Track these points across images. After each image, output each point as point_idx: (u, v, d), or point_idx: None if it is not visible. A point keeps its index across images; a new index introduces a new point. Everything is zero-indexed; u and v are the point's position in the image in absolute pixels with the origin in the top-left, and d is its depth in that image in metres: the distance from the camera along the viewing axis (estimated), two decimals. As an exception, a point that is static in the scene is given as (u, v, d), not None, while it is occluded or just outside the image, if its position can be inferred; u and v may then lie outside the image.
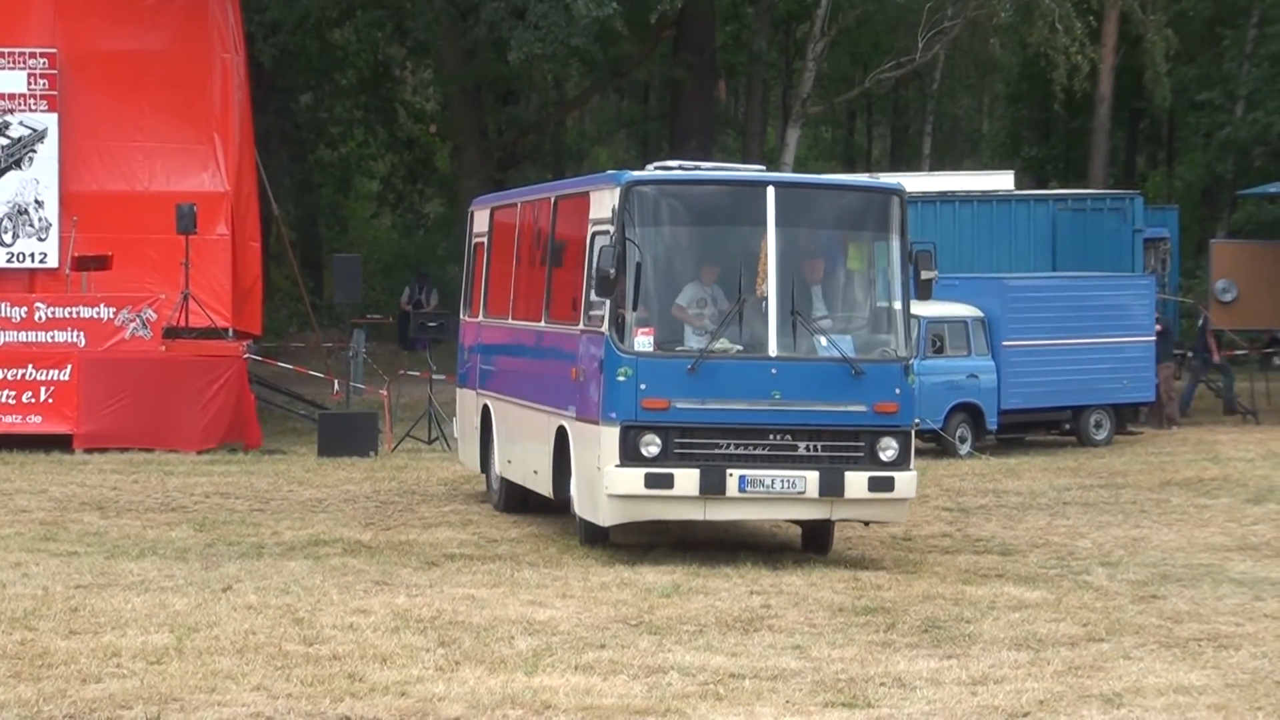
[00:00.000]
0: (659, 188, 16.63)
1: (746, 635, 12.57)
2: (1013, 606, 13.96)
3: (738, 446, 15.98)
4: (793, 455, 16.01)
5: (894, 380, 16.28)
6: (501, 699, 10.05)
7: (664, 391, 15.98)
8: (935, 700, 10.32)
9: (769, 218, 16.18)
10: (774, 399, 16.02)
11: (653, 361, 16.07)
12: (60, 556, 15.83)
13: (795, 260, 16.45)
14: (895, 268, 16.57)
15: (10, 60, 29.19)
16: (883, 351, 16.49)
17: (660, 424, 15.97)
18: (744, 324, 16.23)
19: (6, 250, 29.04)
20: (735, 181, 17.17)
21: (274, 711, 9.64)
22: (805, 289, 16.46)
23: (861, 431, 16.12)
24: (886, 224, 16.77)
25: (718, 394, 16.03)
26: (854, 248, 17.11)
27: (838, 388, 16.11)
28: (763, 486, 15.88)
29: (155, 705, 9.67)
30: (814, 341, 16.27)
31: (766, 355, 16.08)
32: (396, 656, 11.32)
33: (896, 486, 16.11)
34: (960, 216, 33.31)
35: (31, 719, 9.31)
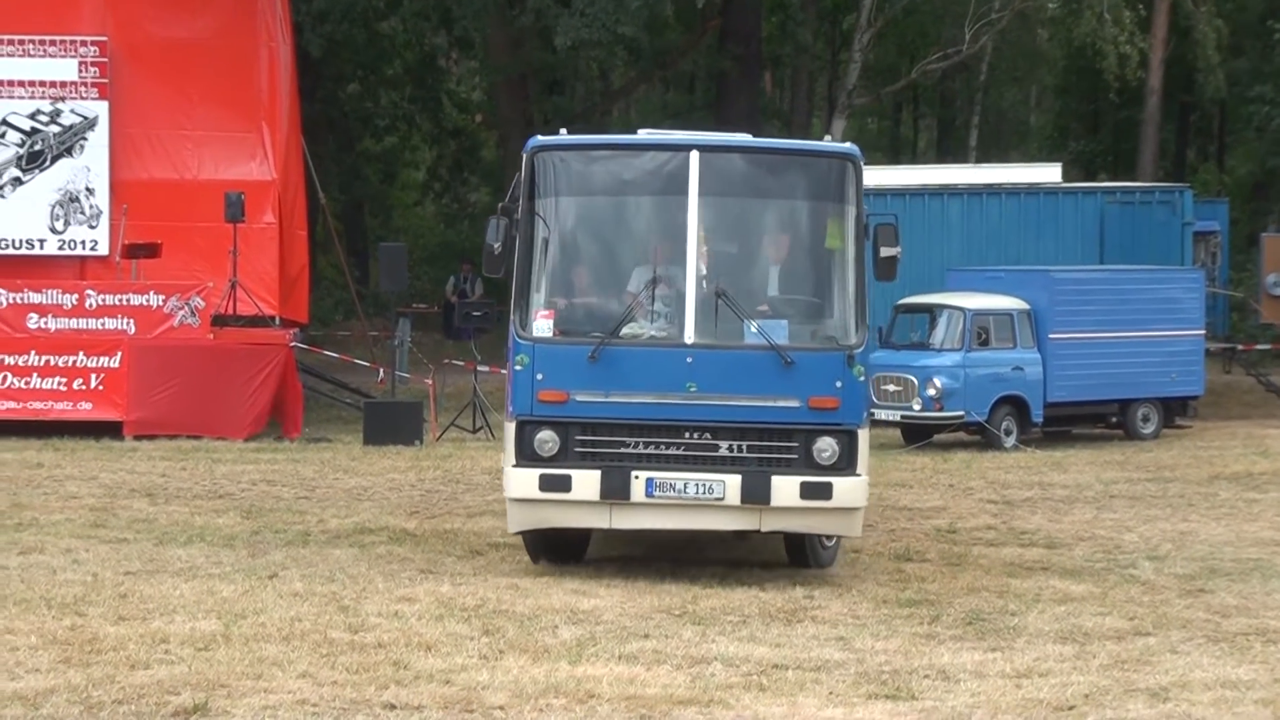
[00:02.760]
0: (568, 153, 14.88)
1: (790, 626, 12.57)
2: (1058, 600, 13.93)
3: (647, 445, 14.17)
4: (712, 456, 14.16)
5: (834, 371, 14.22)
6: (545, 688, 10.08)
7: (562, 383, 14.21)
8: (979, 693, 10.31)
9: (691, 186, 14.31)
10: (689, 391, 14.12)
11: (551, 349, 14.34)
12: (110, 543, 15.93)
13: (724, 235, 14.81)
14: (847, 244, 14.57)
15: (61, 48, 29.39)
16: (823, 339, 14.59)
17: (558, 419, 14.21)
18: (658, 307, 14.43)
19: (58, 237, 29.26)
20: (655, 146, 15.12)
21: (319, 699, 9.68)
22: (734, 267, 14.79)
23: (794, 430, 14.18)
24: (836, 193, 14.71)
25: (624, 385, 14.18)
26: (796, 220, 15.14)
27: (766, 380, 14.16)
28: (674, 491, 14.04)
29: (203, 691, 9.72)
30: (740, 327, 14.30)
31: (681, 342, 14.18)
32: (441, 645, 11.36)
33: (835, 494, 14.07)
34: (1007, 209, 33.26)
35: (81, 704, 9.36)
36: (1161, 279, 31.00)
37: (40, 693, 9.60)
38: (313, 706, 9.48)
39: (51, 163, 29.46)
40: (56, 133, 29.44)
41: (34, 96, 29.58)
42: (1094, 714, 9.74)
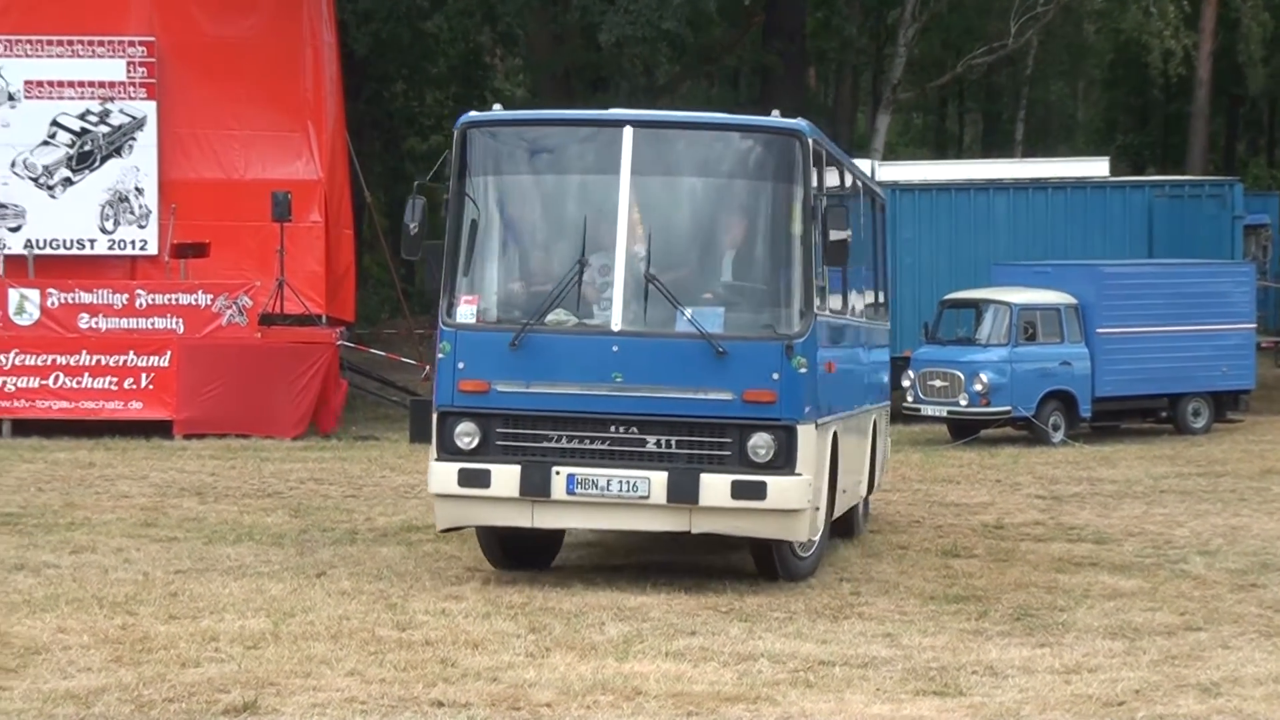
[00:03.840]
0: (499, 129, 14.04)
1: (836, 623, 12.54)
2: (1107, 595, 13.86)
3: (570, 439, 13.28)
4: (639, 452, 13.22)
5: (771, 363, 13.17)
6: (592, 685, 10.08)
7: (483, 372, 13.39)
8: (1028, 689, 10.28)
9: (624, 163, 13.37)
10: (615, 382, 13.20)
11: (473, 336, 13.50)
12: (160, 542, 16.00)
13: (658, 215, 13.82)
14: (793, 226, 13.46)
15: (110, 49, 29.59)
16: (760, 328, 13.46)
17: (478, 410, 13.40)
18: (584, 292, 13.47)
19: (108, 237, 29.45)
20: (588, 120, 14.37)
21: (368, 696, 9.70)
22: (667, 250, 13.74)
23: (727, 425, 13.19)
24: (781, 172, 13.58)
25: (547, 375, 13.31)
26: (737, 201, 14.05)
27: (697, 370, 13.14)
28: (596, 489, 13.16)
29: (252, 690, 9.75)
30: (671, 314, 13.31)
31: (607, 330, 13.27)
32: (488, 642, 11.38)
33: (770, 494, 13.06)
34: (1054, 204, 33.21)
35: (132, 703, 9.41)
36: (1211, 273, 30.94)
37: (92, 691, 9.65)
38: (361, 704, 9.51)
39: (101, 163, 29.63)
40: (106, 133, 29.62)
41: (83, 97, 29.76)
42: (1144, 710, 9.70)
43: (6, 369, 26.32)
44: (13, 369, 26.33)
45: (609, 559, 15.35)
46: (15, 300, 26.85)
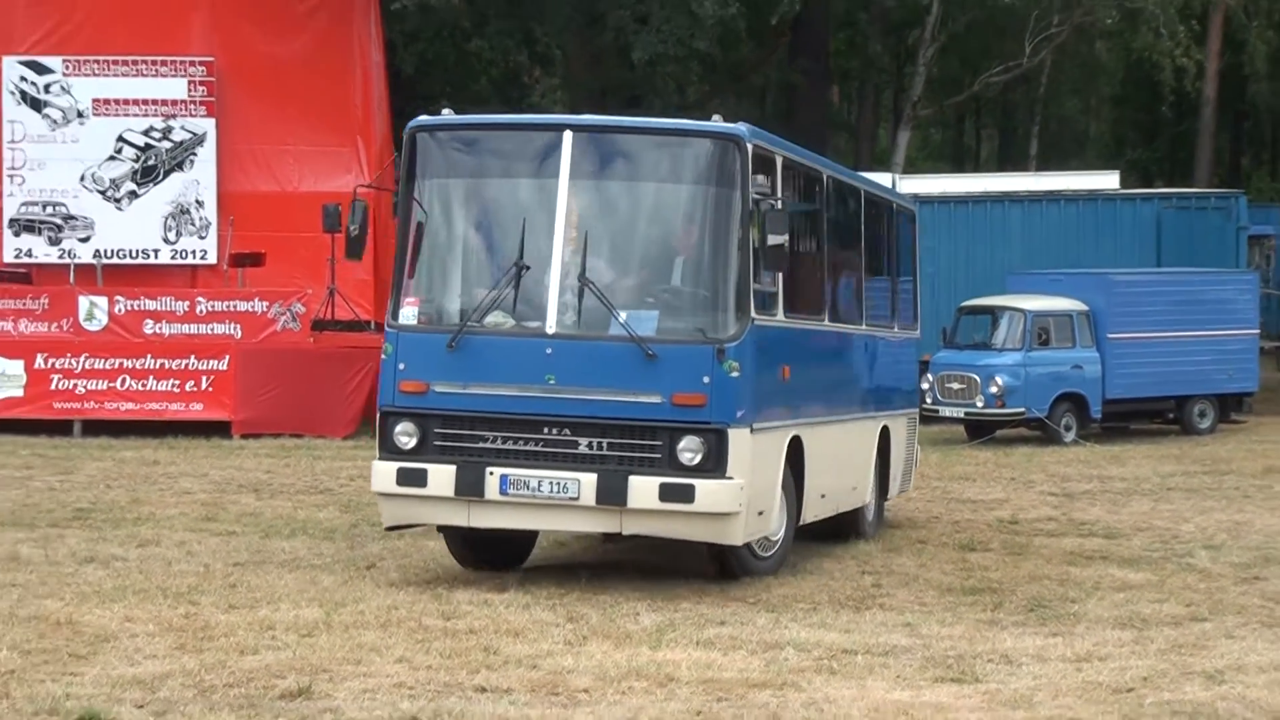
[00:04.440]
0: (447, 133, 13.59)
1: (859, 613, 12.56)
2: (1117, 587, 13.86)
3: (506, 440, 12.79)
4: (571, 454, 12.70)
5: (701, 366, 12.55)
6: (627, 672, 10.11)
7: (423, 372, 12.94)
8: (1041, 676, 10.28)
9: (563, 167, 12.85)
10: (548, 384, 12.70)
11: (413, 337, 13.07)
12: (219, 536, 16.06)
13: (596, 219, 13.21)
14: (729, 230, 12.83)
15: (172, 68, 29.72)
16: (691, 331, 12.82)
17: (417, 410, 12.98)
18: (521, 294, 12.95)
19: (170, 247, 29.60)
20: (531, 125, 14.07)
21: (415, 682, 9.74)
22: (604, 254, 13.18)
23: (658, 428, 12.61)
24: (717, 176, 12.93)
25: (483, 376, 12.83)
26: (673, 204, 13.37)
27: (628, 374, 12.58)
28: (528, 489, 12.67)
29: (307, 675, 9.80)
30: (605, 318, 12.75)
31: (542, 332, 12.75)
32: (528, 631, 11.41)
33: (698, 497, 12.46)
34: (1066, 215, 33.22)
35: (195, 688, 9.46)
36: (1216, 281, 30.94)
37: (157, 677, 9.70)
38: (409, 689, 9.55)
39: (164, 177, 29.76)
40: (168, 148, 29.75)
41: (147, 114, 29.90)
42: (1152, 696, 9.70)
43: (77, 372, 26.44)
44: (83, 372, 26.45)
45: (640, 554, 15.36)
46: (85, 307, 26.99)
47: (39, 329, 27.01)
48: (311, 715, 8.88)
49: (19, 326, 27.12)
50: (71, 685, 9.42)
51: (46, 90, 29.98)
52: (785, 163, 13.87)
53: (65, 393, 26.53)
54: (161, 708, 8.98)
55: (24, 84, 29.95)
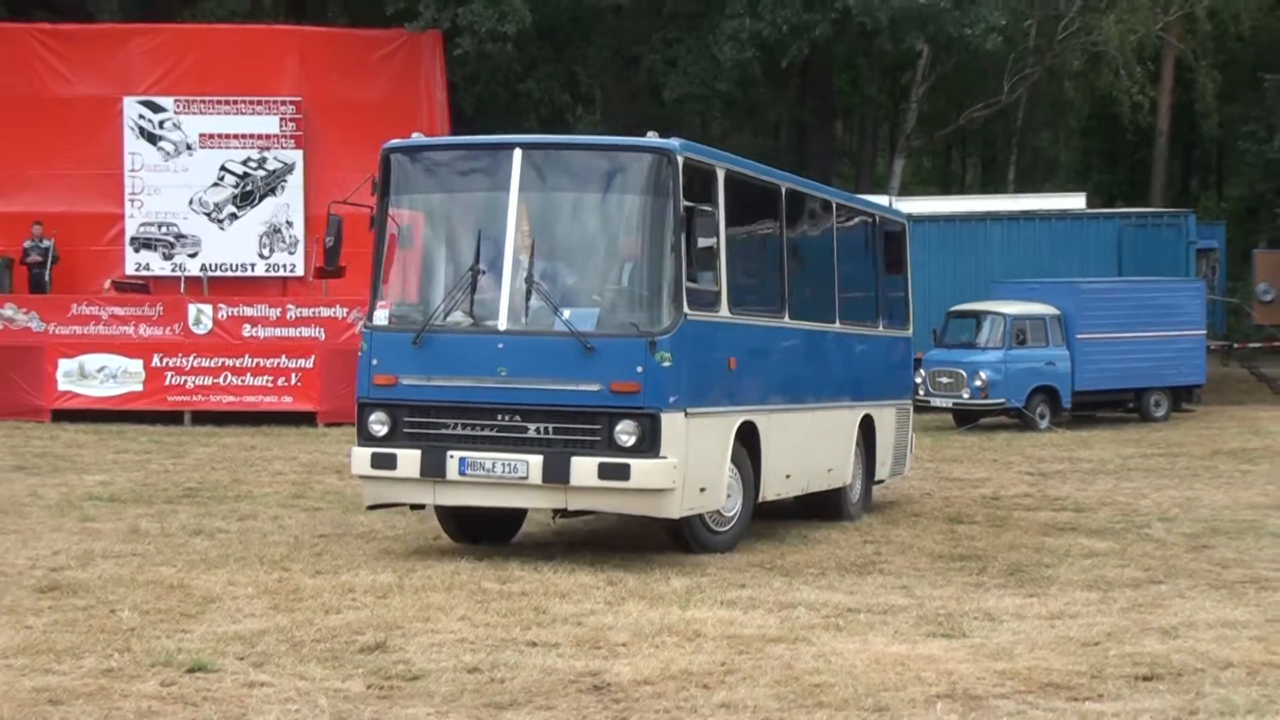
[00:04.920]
0: (415, 153, 13.33)
1: (861, 577, 12.52)
2: (1085, 554, 13.80)
3: (464, 427, 12.55)
4: (521, 438, 12.42)
5: (635, 357, 12.24)
6: (660, 628, 10.09)
7: (392, 367, 12.77)
8: (1020, 631, 10.24)
9: (513, 181, 12.57)
10: (500, 376, 12.42)
11: (384, 335, 12.91)
12: (307, 511, 16.09)
13: (543, 227, 12.85)
14: (661, 235, 12.46)
15: (266, 107, 29.87)
16: (625, 326, 12.47)
17: (388, 401, 12.80)
18: (477, 296, 12.70)
19: (265, 262, 29.72)
20: (484, 145, 13.55)
21: (475, 637, 9.74)
22: (551, 258, 12.82)
23: (597, 413, 12.30)
24: (651, 187, 12.58)
25: (444, 370, 12.61)
26: (612, 213, 13.03)
27: (570, 365, 12.28)
28: (483, 470, 12.43)
29: (382, 632, 9.80)
30: (550, 315, 12.47)
31: (495, 329, 12.51)
32: (573, 593, 11.39)
33: (633, 475, 12.18)
34: (1040, 231, 33.18)
35: (287, 643, 9.47)
36: (1169, 288, 30.88)
37: (255, 634, 9.72)
38: (470, 644, 9.54)
39: (259, 201, 29.88)
40: (263, 176, 29.87)
41: (245, 146, 30.03)
42: (1115, 649, 9.65)
43: (187, 370, 26.56)
44: (191, 369, 26.56)
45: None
46: (193, 314, 27.07)
47: (155, 332, 27.10)
48: (386, 666, 8.88)
49: (138, 330, 27.22)
50: (183, 641, 9.44)
51: (160, 126, 30.13)
52: (730, 175, 13.47)
53: (177, 388, 26.63)
54: (259, 660, 8.99)
55: (142, 120, 30.11)
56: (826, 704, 8.14)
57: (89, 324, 27.30)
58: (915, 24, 34.15)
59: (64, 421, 26.46)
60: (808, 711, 7.98)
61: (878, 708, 8.08)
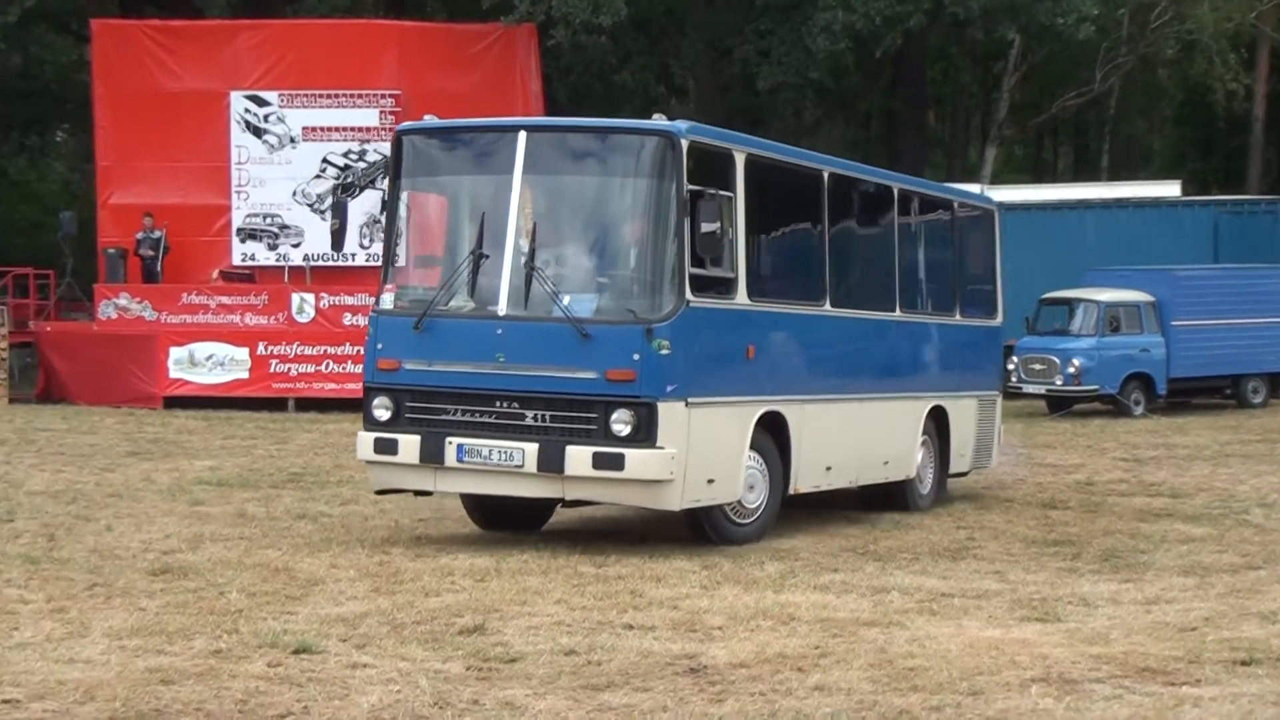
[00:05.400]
0: (426, 136, 12.92)
1: (955, 562, 12.40)
2: (1181, 540, 13.58)
3: (464, 413, 12.13)
4: (519, 425, 11.98)
5: (632, 344, 11.70)
6: (755, 612, 10.03)
7: (396, 351, 12.38)
8: (1115, 617, 10.09)
9: (516, 164, 12.09)
10: (499, 362, 12.00)
11: (389, 320, 12.53)
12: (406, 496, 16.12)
13: (545, 210, 12.42)
14: (667, 219, 11.92)
15: (367, 100, 30.06)
16: (623, 312, 11.92)
17: (391, 386, 12.40)
18: (479, 280, 12.23)
19: (365, 252, 29.83)
20: (491, 127, 13.04)
21: (572, 620, 9.73)
22: (553, 242, 12.36)
23: (593, 401, 11.79)
24: (654, 170, 12.03)
25: (444, 355, 12.20)
26: (614, 196, 12.58)
27: (567, 352, 11.80)
28: (480, 457, 12.03)
29: (480, 614, 9.81)
30: (550, 301, 11.98)
31: (495, 314, 12.07)
32: (669, 577, 11.36)
33: (628, 465, 11.67)
34: (1134, 219, 32.86)
35: (388, 624, 9.50)
36: (1266, 275, 30.54)
37: (357, 616, 9.76)
38: (567, 626, 9.53)
39: (359, 192, 30.01)
40: (364, 168, 30.02)
41: (346, 139, 30.24)
42: (1213, 634, 9.48)
43: (290, 357, 26.82)
44: (295, 357, 26.83)
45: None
46: (296, 302, 27.35)
47: (260, 321, 27.42)
48: (485, 648, 8.88)
49: (244, 319, 27.55)
50: (288, 622, 9.49)
51: (265, 120, 30.42)
52: (754, 159, 12.88)
53: (281, 375, 26.92)
54: (361, 641, 9.02)
55: (248, 115, 30.41)
56: (920, 687, 8.05)
57: (198, 313, 27.67)
58: (1007, 14, 33.87)
59: (175, 408, 26.81)
60: (902, 695, 7.90)
61: (972, 691, 7.98)
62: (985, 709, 7.64)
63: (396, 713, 7.42)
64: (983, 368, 17.54)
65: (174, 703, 7.52)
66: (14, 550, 12.09)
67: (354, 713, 7.43)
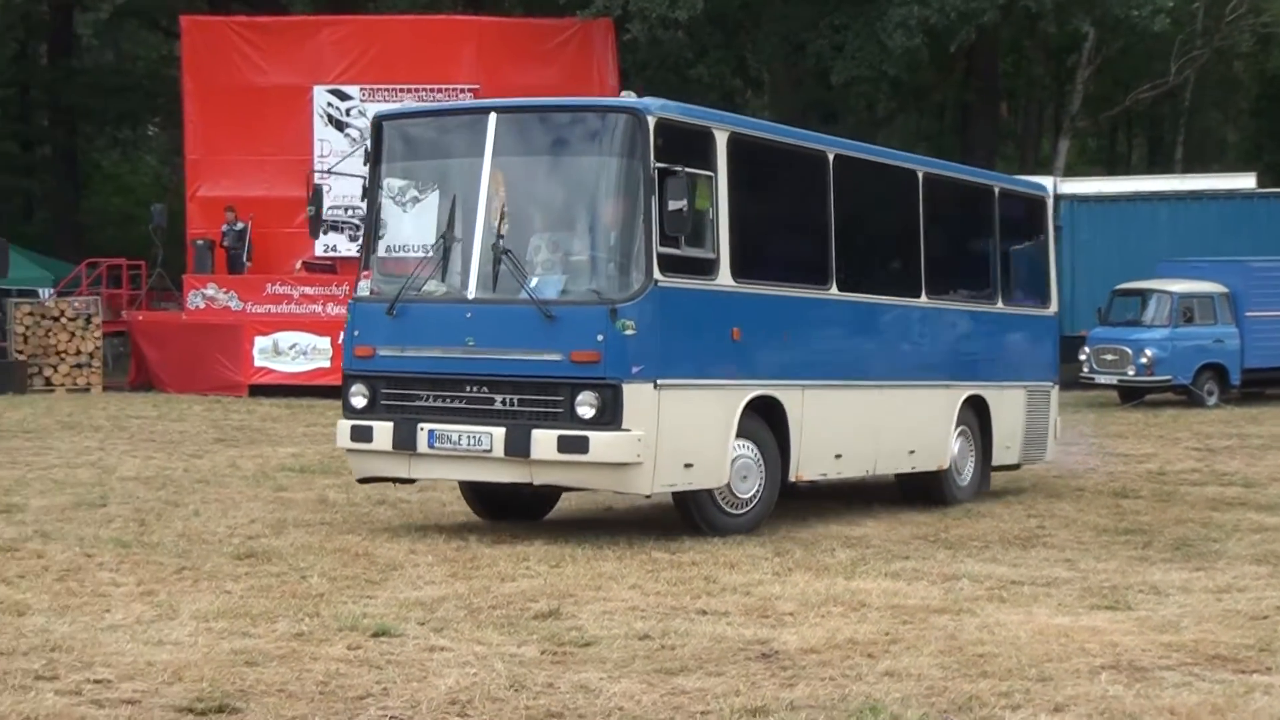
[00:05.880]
0: (402, 121, 12.70)
1: (1025, 550, 12.29)
2: (1254, 529, 13.39)
3: (435, 399, 11.81)
4: (488, 410, 11.63)
5: (596, 325, 11.30)
6: (826, 598, 9.99)
7: (371, 338, 12.09)
8: (1186, 605, 9.97)
9: (487, 146, 11.76)
10: (468, 346, 11.67)
11: (365, 306, 12.25)
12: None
13: (516, 191, 11.94)
14: (634, 197, 11.46)
15: (446, 94, 30.17)
16: (587, 293, 11.55)
17: (367, 373, 12.13)
18: (450, 264, 12.00)
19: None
20: (463, 110, 12.69)
21: (646, 605, 9.72)
22: (522, 224, 11.94)
23: (559, 384, 11.41)
24: (621, 148, 11.58)
25: (416, 340, 11.90)
26: (583, 176, 12.13)
27: (533, 334, 11.42)
28: (450, 443, 11.67)
29: (555, 599, 9.82)
30: (519, 283, 11.60)
31: (464, 298, 11.77)
32: (741, 563, 11.33)
33: (592, 448, 11.28)
34: (1208, 211, 32.52)
35: (465, 609, 9.53)
36: (1341, 267, 30.04)
37: (435, 600, 9.79)
38: (641, 611, 9.53)
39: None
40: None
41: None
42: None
43: (369, 348, 26.98)
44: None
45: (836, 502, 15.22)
46: (375, 294, 27.47)
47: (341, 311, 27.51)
48: (560, 633, 8.89)
49: (326, 309, 27.73)
50: (368, 606, 9.54)
51: (347, 114, 30.64)
52: (740, 138, 12.35)
53: (361, 364, 27.04)
54: (439, 625, 9.05)
55: (330, 109, 30.65)
56: (990, 674, 7.99)
57: (282, 303, 27.90)
58: (1081, 6, 33.63)
59: (259, 396, 27.04)
60: (971, 681, 7.84)
61: (1042, 678, 7.91)
62: (1054, 695, 7.57)
63: (473, 695, 7.45)
64: (1034, 357, 16.72)
65: (257, 684, 7.59)
66: (107, 535, 12.25)
67: (431, 694, 7.46)
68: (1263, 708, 7.41)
